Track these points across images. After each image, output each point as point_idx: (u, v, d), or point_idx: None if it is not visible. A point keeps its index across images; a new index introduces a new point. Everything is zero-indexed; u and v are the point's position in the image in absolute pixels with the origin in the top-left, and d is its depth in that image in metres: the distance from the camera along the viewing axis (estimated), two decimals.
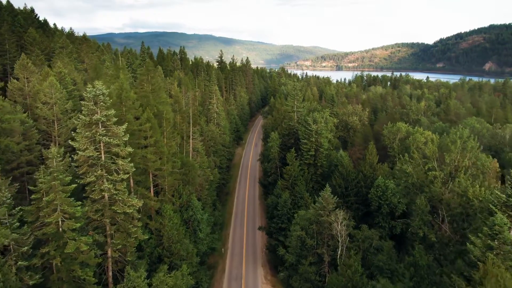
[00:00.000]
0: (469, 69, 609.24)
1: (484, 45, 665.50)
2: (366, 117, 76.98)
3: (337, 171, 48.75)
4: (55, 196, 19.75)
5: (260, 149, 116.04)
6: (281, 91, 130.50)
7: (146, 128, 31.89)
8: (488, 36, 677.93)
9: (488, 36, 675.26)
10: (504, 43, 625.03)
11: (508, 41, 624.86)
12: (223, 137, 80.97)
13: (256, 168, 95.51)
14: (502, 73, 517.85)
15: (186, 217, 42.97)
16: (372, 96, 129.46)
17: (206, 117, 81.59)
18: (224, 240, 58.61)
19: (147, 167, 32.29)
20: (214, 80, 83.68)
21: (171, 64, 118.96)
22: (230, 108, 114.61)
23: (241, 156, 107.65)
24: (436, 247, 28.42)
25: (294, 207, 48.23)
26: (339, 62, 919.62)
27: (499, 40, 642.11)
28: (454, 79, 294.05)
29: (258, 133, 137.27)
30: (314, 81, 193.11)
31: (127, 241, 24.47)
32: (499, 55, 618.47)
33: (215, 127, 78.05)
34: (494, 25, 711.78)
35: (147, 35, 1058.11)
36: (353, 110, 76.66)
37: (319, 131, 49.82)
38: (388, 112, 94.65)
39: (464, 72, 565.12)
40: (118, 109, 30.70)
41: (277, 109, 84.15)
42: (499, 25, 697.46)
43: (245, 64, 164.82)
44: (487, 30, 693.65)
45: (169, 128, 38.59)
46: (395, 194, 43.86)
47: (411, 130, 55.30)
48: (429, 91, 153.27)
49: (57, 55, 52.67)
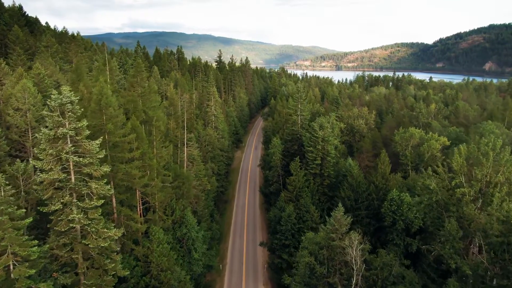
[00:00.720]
0: (469, 69, 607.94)
1: (484, 45, 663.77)
2: (372, 120, 72.58)
3: (346, 182, 44.41)
4: (3, 234, 15.41)
5: (260, 152, 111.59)
6: (282, 92, 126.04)
7: (131, 139, 27.40)
8: (488, 36, 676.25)
9: (488, 36, 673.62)
10: (504, 43, 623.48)
11: (508, 41, 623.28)
12: (221, 141, 76.51)
13: (256, 173, 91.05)
14: (502, 73, 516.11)
15: (180, 235, 38.53)
16: (376, 97, 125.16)
17: (204, 120, 77.09)
18: (222, 255, 54.14)
19: (132, 184, 27.81)
20: (212, 81, 79.17)
21: (168, 65, 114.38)
22: (229, 110, 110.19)
23: (240, 160, 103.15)
24: (470, 280, 24.11)
25: (299, 222, 43.87)
26: (338, 62, 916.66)
27: (499, 40, 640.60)
28: (454, 79, 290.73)
29: (258, 135, 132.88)
30: (315, 82, 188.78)
31: (103, 280, 20.06)
32: (499, 55, 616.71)
33: (213, 131, 73.59)
34: (493, 25, 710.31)
35: (146, 35, 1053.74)
36: (359, 113, 72.26)
37: (326, 137, 45.44)
38: (395, 114, 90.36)
39: (464, 72, 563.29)
40: (98, 118, 26.19)
41: (278, 112, 79.70)
42: (499, 25, 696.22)
43: (245, 64, 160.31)
44: (487, 30, 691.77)
45: (160, 137, 34.09)
46: (411, 208, 39.60)
47: (425, 136, 50.95)
48: (434, 92, 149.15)
49: (39, 55, 48.12)
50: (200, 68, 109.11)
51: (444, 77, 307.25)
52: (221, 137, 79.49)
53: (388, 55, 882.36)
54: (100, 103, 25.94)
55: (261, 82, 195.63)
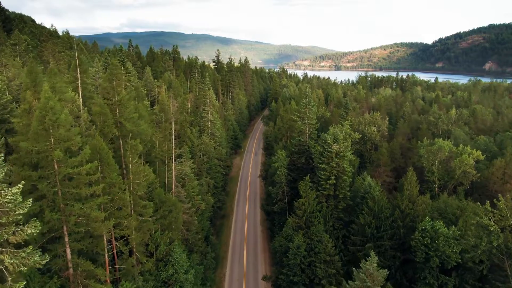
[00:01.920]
0: (469, 69, 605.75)
1: (484, 44, 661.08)
2: (385, 127, 65.34)
3: (365, 206, 37.25)
4: None
5: (261, 158, 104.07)
6: (284, 94, 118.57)
7: (91, 168, 19.97)
8: (487, 35, 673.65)
9: (488, 36, 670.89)
10: (504, 43, 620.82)
11: (508, 40, 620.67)
12: (218, 149, 69.09)
13: (256, 184, 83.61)
14: (503, 73, 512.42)
15: (165, 276, 31.18)
16: (383, 99, 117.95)
17: (199, 126, 69.59)
18: (218, 283, 46.79)
19: (93, 230, 20.39)
20: (208, 84, 71.68)
21: (162, 65, 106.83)
22: (227, 113, 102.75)
23: (239, 168, 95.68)
24: None
25: (310, 254, 36.60)
26: (337, 62, 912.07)
27: (499, 40, 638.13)
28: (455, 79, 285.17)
29: (258, 140, 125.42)
30: (317, 82, 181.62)
31: None
32: (499, 55, 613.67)
33: (209, 138, 66.14)
34: (493, 24, 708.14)
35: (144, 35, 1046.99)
36: (370, 119, 65.00)
37: (341, 153, 38.14)
38: (406, 119, 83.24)
39: (464, 72, 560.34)
40: (43, 142, 18.77)
41: (281, 117, 72.30)
42: (499, 25, 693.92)
43: (244, 64, 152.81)
44: (487, 30, 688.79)
45: (137, 159, 26.66)
46: (448, 242, 32.50)
47: (454, 149, 43.72)
48: (442, 94, 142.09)
49: (1, 54, 40.65)
50: (196, 69, 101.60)
51: (445, 77, 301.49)
52: (218, 144, 72.11)
53: (388, 55, 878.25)
54: (44, 120, 18.49)
55: (260, 83, 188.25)
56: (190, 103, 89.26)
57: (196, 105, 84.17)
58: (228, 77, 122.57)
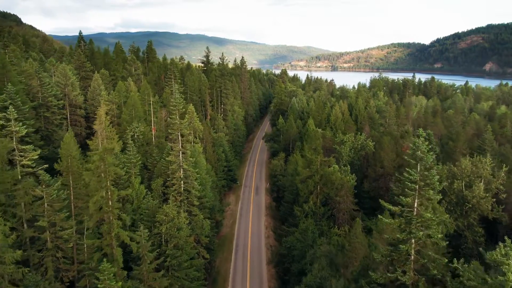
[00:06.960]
0: (468, 70, 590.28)
1: (483, 45, 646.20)
2: (500, 182, 36.12)
3: None
4: None
5: (265, 199, 74.23)
6: (294, 106, 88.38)
7: None
8: (487, 36, 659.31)
9: (487, 36, 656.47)
10: (504, 43, 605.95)
11: (508, 41, 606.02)
12: (195, 219, 38.94)
13: (262, 248, 53.62)
14: (504, 74, 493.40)
15: None
16: (423, 112, 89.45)
17: (164, 181, 39.41)
18: None
19: None
20: (180, 101, 41.23)
21: (124, 70, 75.98)
22: (217, 136, 72.71)
23: (234, 218, 65.26)
24: None
25: None
26: (334, 62, 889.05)
27: (498, 40, 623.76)
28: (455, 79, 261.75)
29: (259, 164, 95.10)
30: (327, 87, 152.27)
31: None
32: (499, 55, 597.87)
33: (179, 207, 36.12)
34: (492, 24, 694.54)
35: (139, 34, 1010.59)
36: (472, 168, 35.68)
37: None
38: (496, 150, 54.39)
39: (463, 72, 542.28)
40: None
41: (308, 160, 42.04)
42: (498, 25, 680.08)
43: (240, 66, 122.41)
44: (485, 30, 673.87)
45: None
46: None
47: None
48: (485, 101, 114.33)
49: None
50: (172, 73, 71.03)
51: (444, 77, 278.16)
52: (200, 203, 41.92)
53: (385, 55, 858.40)
54: None
55: (259, 87, 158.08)
56: (162, 125, 58.96)
57: (169, 132, 53.97)
58: (220, 83, 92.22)
